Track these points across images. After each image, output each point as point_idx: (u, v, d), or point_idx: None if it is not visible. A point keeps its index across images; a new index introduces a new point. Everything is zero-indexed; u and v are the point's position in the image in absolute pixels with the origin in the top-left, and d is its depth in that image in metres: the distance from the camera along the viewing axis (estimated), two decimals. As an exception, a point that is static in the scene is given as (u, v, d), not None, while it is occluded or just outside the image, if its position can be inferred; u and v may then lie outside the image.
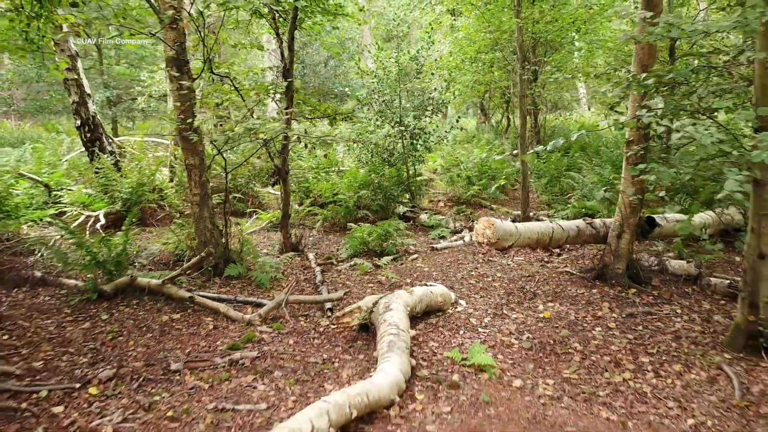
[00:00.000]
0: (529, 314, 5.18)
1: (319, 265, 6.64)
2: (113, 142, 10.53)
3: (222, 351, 4.34)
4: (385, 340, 4.00)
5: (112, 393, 3.71)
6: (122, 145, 11.69)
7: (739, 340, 4.35)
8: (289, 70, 6.64)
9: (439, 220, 8.90)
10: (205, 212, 5.85)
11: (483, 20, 10.62)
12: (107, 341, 4.50)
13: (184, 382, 3.87)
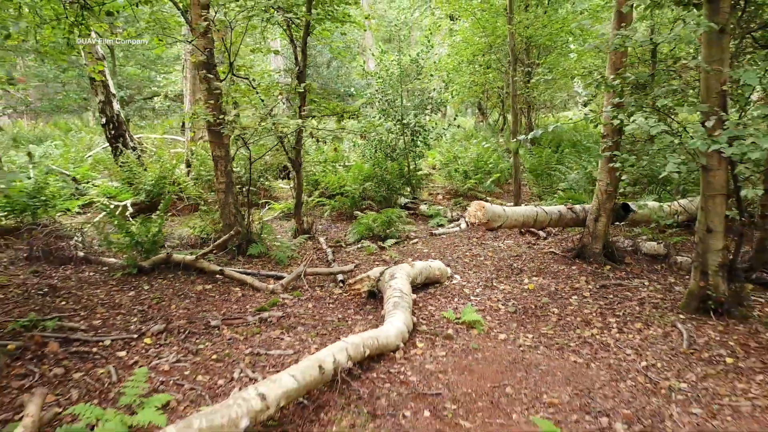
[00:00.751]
0: (515, 286, 5.91)
1: (330, 247, 7.37)
2: (134, 139, 11.27)
3: (252, 312, 5.08)
4: (391, 302, 4.74)
5: (164, 342, 4.46)
6: (141, 142, 12.43)
7: (693, 303, 5.08)
8: (303, 73, 7.38)
9: (438, 210, 9.63)
10: (230, 198, 6.59)
11: (478, 26, 11.36)
12: (153, 305, 5.24)
13: (223, 335, 4.61)
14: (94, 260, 6.62)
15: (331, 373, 3.59)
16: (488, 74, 12.60)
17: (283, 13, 5.99)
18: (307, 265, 6.03)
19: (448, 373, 3.99)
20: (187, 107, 11.42)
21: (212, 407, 3.06)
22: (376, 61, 11.26)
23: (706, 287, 4.98)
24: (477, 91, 13.93)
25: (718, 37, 4.44)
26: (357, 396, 3.63)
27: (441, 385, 3.80)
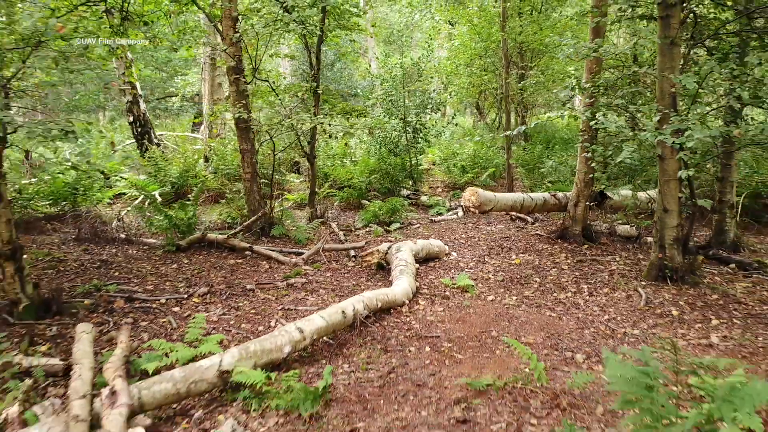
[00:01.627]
0: (504, 261, 6.79)
1: (341, 230, 8.25)
2: (157, 136, 12.15)
3: (280, 279, 5.96)
4: (397, 269, 5.62)
5: (210, 301, 5.34)
6: (162, 140, 13.30)
7: (653, 272, 5.95)
8: (317, 76, 8.26)
9: (437, 201, 10.50)
10: (255, 187, 7.47)
11: (474, 32, 12.23)
12: (195, 274, 6.12)
13: (258, 296, 5.49)
14: (135, 241, 7.50)
15: (351, 318, 4.47)
16: (484, 76, 13.47)
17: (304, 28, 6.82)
18: (324, 242, 6.93)
19: (444, 322, 4.87)
20: (206, 107, 12.29)
21: (262, 336, 3.95)
22: (379, 64, 12.12)
23: (663, 258, 5.86)
24: (473, 92, 14.80)
25: (669, 48, 5.31)
26: (372, 337, 4.51)
27: (439, 331, 4.68)
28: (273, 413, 3.35)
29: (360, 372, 3.92)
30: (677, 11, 5.22)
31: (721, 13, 5.69)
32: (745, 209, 8.47)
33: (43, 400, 3.40)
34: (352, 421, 3.29)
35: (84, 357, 3.54)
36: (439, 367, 4.00)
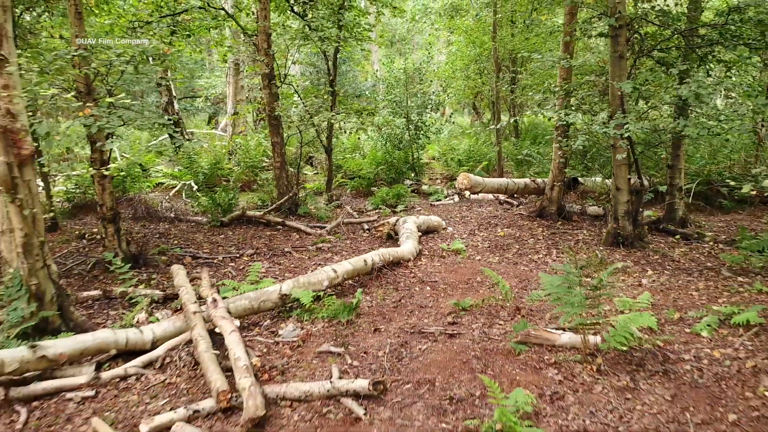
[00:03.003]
0: (491, 233, 8.18)
1: (354, 211, 9.64)
2: (188, 133, 13.55)
3: (309, 244, 7.36)
4: (404, 235, 7.02)
5: (256, 259, 6.73)
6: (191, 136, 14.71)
7: (609, 239, 7.34)
8: (334, 80, 9.65)
9: (436, 189, 11.88)
10: (283, 173, 8.86)
11: (469, 40, 13.62)
12: (240, 241, 7.52)
13: (294, 256, 6.89)
14: (182, 218, 8.89)
15: (370, 266, 5.87)
16: (478, 80, 14.84)
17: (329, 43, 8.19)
18: (343, 217, 8.33)
19: (441, 273, 6.26)
20: (230, 107, 13.69)
21: (308, 273, 5.35)
22: (383, 68, 13.49)
23: (617, 228, 7.25)
24: (469, 94, 16.18)
25: (618, 61, 6.70)
26: (386, 281, 5.91)
27: (437, 278, 6.07)
28: (320, 320, 4.75)
29: (378, 300, 5.32)
30: (624, 31, 6.61)
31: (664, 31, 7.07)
32: (699, 194, 9.89)
33: (155, 314, 4.81)
34: (376, 324, 4.69)
35: (184, 284, 4.94)
36: (436, 298, 5.41)
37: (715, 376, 3.75)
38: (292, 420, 3.30)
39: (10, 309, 4.08)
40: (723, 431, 3.12)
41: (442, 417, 3.31)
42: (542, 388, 3.59)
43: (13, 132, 3.97)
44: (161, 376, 3.86)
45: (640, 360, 3.96)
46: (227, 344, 3.81)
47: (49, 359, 3.61)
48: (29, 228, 4.06)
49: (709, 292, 5.43)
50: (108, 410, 3.45)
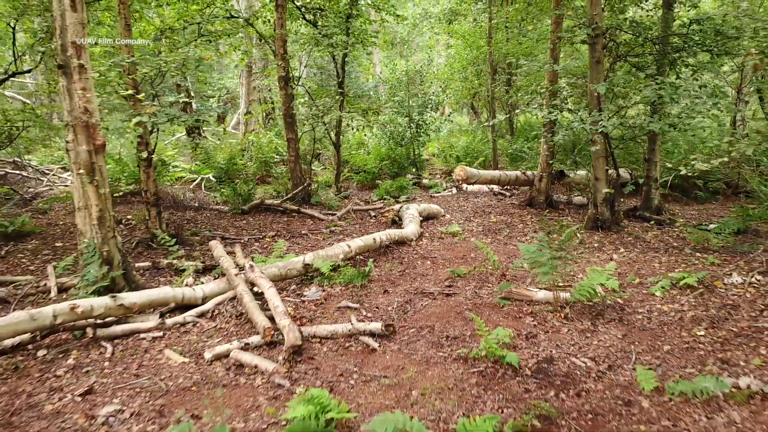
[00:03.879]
0: (485, 220, 9.06)
1: (361, 201, 10.51)
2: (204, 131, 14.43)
3: (323, 228, 8.24)
4: (407, 219, 7.90)
5: (278, 240, 7.61)
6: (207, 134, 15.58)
7: (589, 223, 8.21)
8: (342, 82, 10.52)
9: (435, 183, 12.75)
10: (297, 166, 9.74)
11: (466, 44, 14.50)
12: (261, 226, 8.40)
13: (311, 237, 7.77)
14: (206, 207, 9.77)
15: (378, 243, 6.75)
16: (475, 81, 15.71)
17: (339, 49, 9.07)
18: (352, 205, 9.21)
19: (440, 250, 7.14)
20: (243, 107, 14.56)
21: (326, 248, 6.23)
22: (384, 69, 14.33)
23: (596, 214, 8.12)
24: (467, 94, 17.06)
25: (596, 65, 7.58)
26: (392, 256, 6.78)
27: (436, 254, 6.95)
28: (338, 285, 5.63)
29: (386, 270, 6.20)
30: (600, 40, 7.49)
31: (636, 39, 7.94)
32: (677, 186, 10.76)
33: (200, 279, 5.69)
34: (385, 287, 5.58)
35: (222, 255, 5.82)
36: (436, 269, 6.29)
37: (660, 322, 4.63)
38: (322, 351, 4.18)
39: (86, 271, 4.96)
40: (657, 356, 4.00)
41: (439, 349, 4.19)
42: (520, 330, 4.48)
43: (91, 126, 4.85)
44: (212, 323, 4.74)
45: (601, 311, 4.85)
46: (266, 297, 4.69)
47: (125, 307, 4.49)
48: (103, 204, 4.94)
49: (669, 264, 6.31)
50: (175, 345, 4.33)
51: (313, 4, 10.22)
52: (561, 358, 3.99)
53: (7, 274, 6.21)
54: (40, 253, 7.16)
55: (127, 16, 6.45)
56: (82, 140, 4.77)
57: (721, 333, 4.35)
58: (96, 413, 3.33)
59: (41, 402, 3.50)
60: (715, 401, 3.34)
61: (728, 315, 4.71)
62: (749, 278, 5.58)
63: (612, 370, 3.81)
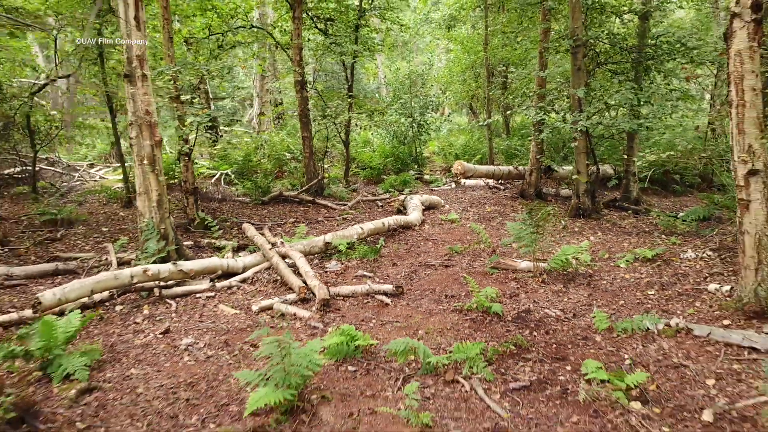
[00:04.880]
0: (480, 209, 10.05)
1: (368, 194, 11.51)
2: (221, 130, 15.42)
3: (337, 215, 9.23)
4: (411, 207, 8.90)
5: (297, 225, 8.60)
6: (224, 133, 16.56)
7: (572, 212, 9.20)
8: (351, 86, 11.50)
9: (436, 178, 13.73)
10: (311, 162, 10.73)
11: (465, 50, 15.50)
12: (281, 214, 9.40)
13: (326, 223, 8.76)
14: (228, 199, 10.76)
15: (387, 227, 7.74)
16: (473, 84, 16.70)
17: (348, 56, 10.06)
18: (361, 197, 10.20)
19: (440, 234, 8.13)
20: (256, 108, 15.55)
21: (343, 230, 7.23)
22: (392, 74, 15.31)
23: (579, 203, 9.11)
24: (465, 96, 18.05)
25: (577, 72, 8.57)
26: (398, 238, 7.78)
27: (436, 236, 7.94)
28: (354, 259, 6.62)
29: (394, 249, 7.20)
30: (581, 49, 8.48)
31: (612, 48, 8.92)
32: (656, 181, 11.74)
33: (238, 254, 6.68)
34: (393, 261, 6.57)
35: (255, 235, 6.81)
36: (436, 248, 7.28)
37: (620, 286, 5.62)
38: (345, 305, 5.18)
39: (147, 245, 5.95)
40: (613, 309, 4.99)
41: (439, 304, 5.19)
42: (505, 290, 5.47)
43: (152, 125, 5.85)
44: (253, 287, 5.74)
45: (573, 277, 5.84)
46: (298, 265, 5.69)
47: (184, 272, 5.49)
48: (161, 189, 5.94)
49: (637, 244, 7.30)
50: (226, 302, 5.32)
51: (325, 15, 11.21)
52: (536, 309, 4.99)
53: (68, 252, 7.21)
54: (90, 236, 8.17)
55: (169, 30, 7.44)
56: (146, 136, 5.76)
57: (668, 293, 5.35)
58: (177, 344, 4.33)
59: (130, 339, 4.50)
60: (651, 335, 4.33)
61: (677, 281, 5.70)
62: (701, 254, 6.58)
63: (576, 318, 4.81)
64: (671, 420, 3.23)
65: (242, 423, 3.12)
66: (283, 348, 3.19)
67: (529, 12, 10.06)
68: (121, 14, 5.70)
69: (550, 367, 3.89)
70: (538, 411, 3.36)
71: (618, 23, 9.02)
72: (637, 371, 3.70)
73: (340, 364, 3.92)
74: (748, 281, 4.53)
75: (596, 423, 3.21)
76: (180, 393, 3.51)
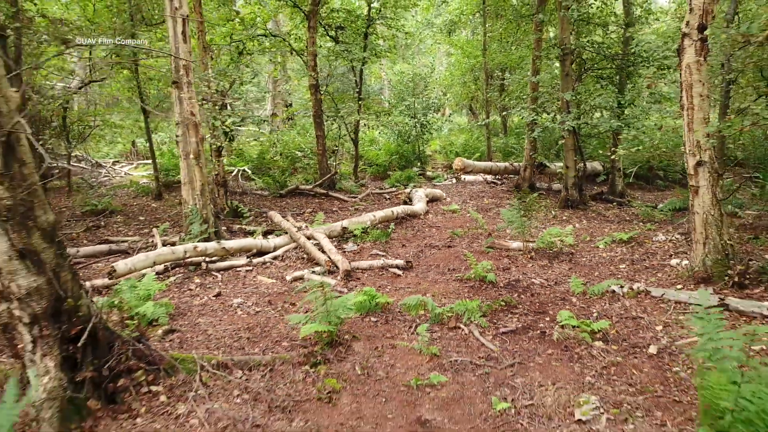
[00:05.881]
0: (479, 201, 10.98)
1: (377, 188, 12.45)
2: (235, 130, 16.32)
3: (349, 207, 10.17)
4: (416, 199, 9.84)
5: (315, 215, 9.54)
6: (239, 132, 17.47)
7: (562, 203, 10.13)
8: (360, 89, 12.43)
9: (437, 174, 14.66)
10: (324, 159, 11.66)
11: (464, 54, 16.44)
12: (298, 205, 10.34)
13: (340, 213, 9.70)
14: (248, 192, 11.69)
15: (395, 215, 8.68)
16: (472, 86, 17.63)
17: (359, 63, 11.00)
18: (370, 190, 11.14)
19: (442, 222, 9.06)
20: (269, 109, 16.49)
21: (357, 217, 8.17)
22: (395, 75, 16.24)
23: (567, 195, 10.04)
24: (465, 97, 19.00)
25: (566, 78, 9.50)
26: (406, 225, 8.71)
27: (439, 224, 8.87)
28: (368, 242, 7.56)
29: (402, 234, 8.14)
30: (569, 57, 9.41)
31: (596, 56, 9.85)
32: (641, 176, 12.67)
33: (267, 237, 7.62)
34: (403, 243, 7.51)
35: (281, 220, 7.75)
36: (440, 233, 8.22)
37: (597, 262, 6.56)
38: (364, 276, 6.11)
39: (191, 228, 6.89)
40: (589, 278, 5.93)
41: (443, 275, 6.13)
42: (498, 265, 6.41)
43: (196, 124, 6.78)
44: (284, 263, 6.67)
45: (557, 254, 6.78)
46: (322, 244, 6.63)
47: (226, 249, 6.43)
48: (204, 180, 6.87)
49: (617, 230, 8.23)
50: (262, 274, 6.26)
51: (336, 23, 12.14)
52: (524, 279, 5.93)
53: (115, 237, 8.15)
54: (130, 224, 9.11)
55: (204, 41, 8.38)
56: (191, 134, 6.70)
57: (637, 267, 6.28)
58: (229, 303, 5.27)
59: (189, 301, 5.43)
60: (617, 296, 5.27)
61: (646, 257, 6.63)
62: (671, 237, 7.51)
63: (557, 285, 5.75)
64: (624, 353, 4.16)
65: (296, 350, 4.06)
66: (325, 296, 4.13)
67: (523, 24, 10.99)
68: (170, 31, 6.64)
69: (533, 318, 4.83)
70: (521, 347, 4.30)
71: (602, 34, 9.95)
72: (602, 321, 4.63)
73: (364, 317, 4.86)
74: (698, 253, 5.46)
75: (566, 354, 4.14)
76: (241, 334, 4.46)
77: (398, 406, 3.47)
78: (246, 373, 3.72)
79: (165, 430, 3.14)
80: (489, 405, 3.46)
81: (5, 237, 2.76)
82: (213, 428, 3.14)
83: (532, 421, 3.29)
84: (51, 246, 2.92)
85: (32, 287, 2.90)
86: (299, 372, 3.78)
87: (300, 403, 3.45)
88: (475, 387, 3.69)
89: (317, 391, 3.57)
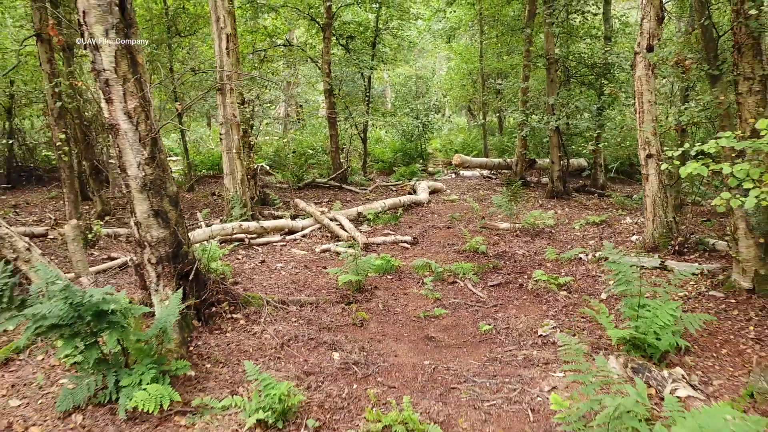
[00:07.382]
0: (475, 193, 12.28)
1: (384, 182, 13.74)
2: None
3: (361, 197, 11.48)
4: (420, 190, 11.14)
5: (332, 203, 10.83)
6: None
7: (548, 194, 11.41)
8: (368, 93, 13.72)
9: (438, 170, 15.95)
10: (338, 155, 12.95)
11: (463, 60, 17.75)
12: (316, 196, 11.64)
13: (354, 202, 11.00)
14: (270, 185, 12.98)
15: (402, 203, 9.98)
16: (470, 89, 18.94)
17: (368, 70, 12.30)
18: (378, 182, 12.45)
19: (443, 209, 10.36)
20: (283, 111, 17.78)
21: (370, 204, 9.48)
22: (400, 80, 17.53)
23: (553, 187, 11.33)
24: (463, 99, 20.31)
25: (551, 84, 10.79)
26: (411, 212, 10.01)
27: (441, 211, 10.17)
28: (380, 224, 8.86)
29: (408, 218, 9.44)
30: (554, 66, 10.70)
31: (578, 65, 11.13)
32: (623, 171, 13.96)
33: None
34: (409, 225, 8.82)
35: (306, 206, 9.04)
36: (441, 217, 9.52)
37: (571, 238, 7.85)
38: (378, 249, 7.41)
39: (233, 211, 8.18)
40: (564, 250, 7.22)
41: (443, 248, 7.43)
42: (489, 241, 7.71)
43: (238, 124, 8.08)
44: (311, 240, 7.98)
45: (538, 233, 8.08)
46: (342, 223, 7.93)
47: (264, 228, 7.73)
48: (244, 171, 8.17)
49: (593, 215, 9.53)
50: (294, 248, 7.56)
51: (347, 33, 13.43)
52: (509, 250, 7.23)
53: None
54: (171, 211, 10.39)
55: (237, 52, 9.66)
56: (233, 132, 8.00)
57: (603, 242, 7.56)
58: (273, 267, 6.57)
59: (239, 265, 6.73)
60: (583, 262, 6.57)
61: (613, 236, 7.93)
62: (636, 220, 8.80)
63: (536, 255, 7.04)
64: (582, 299, 5.46)
65: (335, 294, 5.37)
66: (355, 255, 5.43)
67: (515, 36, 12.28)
68: (216, 46, 7.94)
69: (514, 276, 6.13)
70: (503, 295, 5.60)
71: (585, 45, 11.24)
72: (567, 277, 5.93)
73: (382, 275, 6.16)
74: (649, 229, 6.76)
75: (537, 299, 5.44)
76: (288, 285, 5.76)
77: (411, 329, 4.77)
78: (299, 308, 5.03)
79: (247, 340, 4.43)
80: (477, 329, 4.76)
81: (147, 201, 4.05)
82: (281, 339, 4.43)
83: (507, 337, 4.59)
84: (174, 209, 4.21)
85: (161, 237, 4.19)
86: (337, 308, 5.08)
87: (340, 327, 4.75)
88: (467, 319, 4.99)
89: (351, 319, 4.87)
